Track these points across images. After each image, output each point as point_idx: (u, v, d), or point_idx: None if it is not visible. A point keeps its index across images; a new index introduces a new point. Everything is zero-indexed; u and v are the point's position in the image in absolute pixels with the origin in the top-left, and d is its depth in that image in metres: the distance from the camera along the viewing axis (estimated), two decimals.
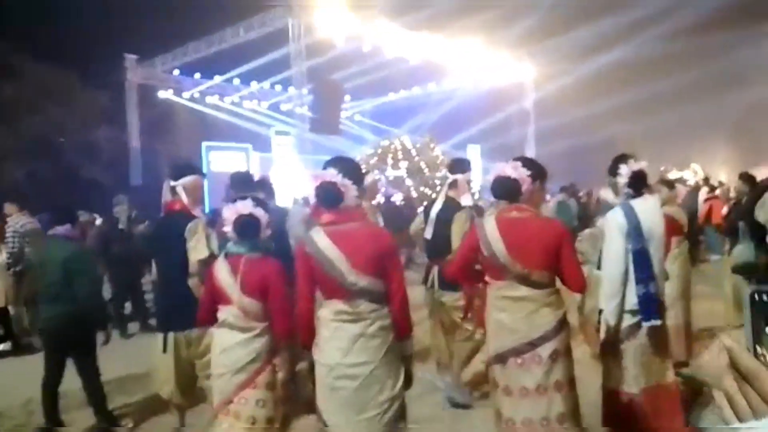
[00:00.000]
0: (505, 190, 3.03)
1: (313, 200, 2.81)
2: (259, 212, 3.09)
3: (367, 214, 4.02)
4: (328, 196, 2.66)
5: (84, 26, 26.11)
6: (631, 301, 3.34)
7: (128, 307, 8.15)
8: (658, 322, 3.33)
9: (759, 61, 21.74)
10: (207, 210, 6.96)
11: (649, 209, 3.45)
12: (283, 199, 16.02)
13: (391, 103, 28.09)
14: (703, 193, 12.40)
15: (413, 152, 18.67)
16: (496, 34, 22.39)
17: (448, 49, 21.72)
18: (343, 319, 2.63)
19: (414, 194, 16.99)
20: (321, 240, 2.64)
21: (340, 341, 2.63)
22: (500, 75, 24.40)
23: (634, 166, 3.51)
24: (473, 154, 24.61)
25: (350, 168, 2.78)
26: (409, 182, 17.82)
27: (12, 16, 25.51)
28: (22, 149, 24.90)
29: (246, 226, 3.05)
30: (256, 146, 20.06)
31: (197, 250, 3.72)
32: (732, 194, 10.96)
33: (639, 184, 3.52)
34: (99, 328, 4.48)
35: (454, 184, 4.66)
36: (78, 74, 26.47)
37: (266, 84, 25.06)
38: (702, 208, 10.97)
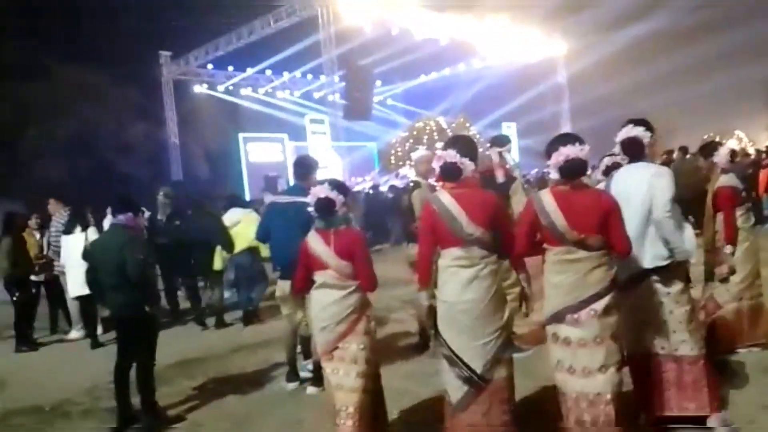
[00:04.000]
0: (573, 170, 3.19)
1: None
2: (333, 194, 3.57)
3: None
4: (450, 172, 3.36)
5: (116, 25, 26.26)
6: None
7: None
8: None
9: None
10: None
11: (632, 175, 3.55)
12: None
13: (422, 85, 27.92)
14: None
15: (449, 132, 18.63)
16: (524, 10, 22.09)
17: (477, 27, 21.47)
18: (459, 264, 3.27)
19: None
20: (446, 199, 3.30)
21: (457, 283, 3.25)
22: (531, 52, 24.07)
23: (631, 132, 3.58)
24: (508, 132, 24.46)
25: (467, 147, 3.44)
26: None
27: (40, 16, 25.68)
28: (57, 149, 25.16)
29: (322, 206, 3.59)
30: (291, 135, 20.28)
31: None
32: None
33: (632, 149, 3.61)
34: (151, 305, 4.66)
35: None
36: (112, 73, 26.65)
37: (297, 73, 25.20)
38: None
